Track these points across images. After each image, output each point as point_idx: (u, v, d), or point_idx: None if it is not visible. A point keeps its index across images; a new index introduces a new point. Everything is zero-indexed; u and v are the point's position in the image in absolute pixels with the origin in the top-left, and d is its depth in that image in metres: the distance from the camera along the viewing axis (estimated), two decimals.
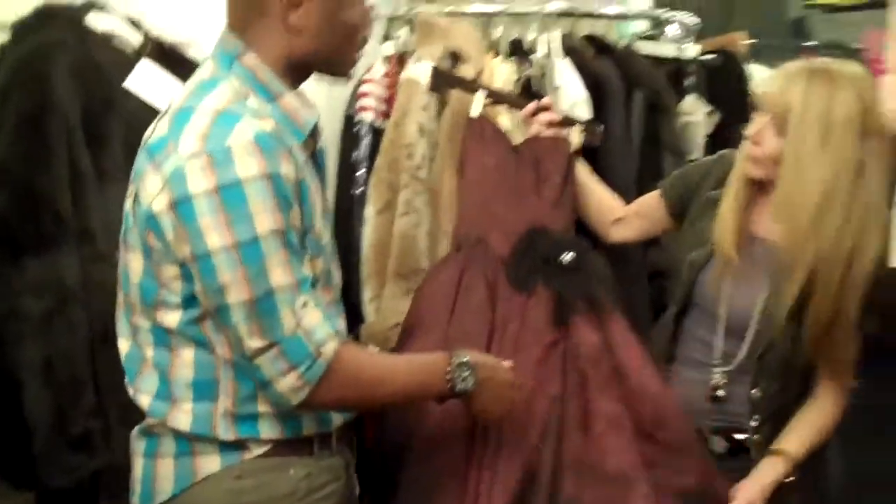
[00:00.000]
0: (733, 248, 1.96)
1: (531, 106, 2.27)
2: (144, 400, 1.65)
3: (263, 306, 1.50)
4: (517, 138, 2.32)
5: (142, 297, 1.61)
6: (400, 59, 2.65)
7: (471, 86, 2.35)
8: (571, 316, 1.99)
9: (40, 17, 2.04)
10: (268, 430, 1.62)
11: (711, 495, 1.93)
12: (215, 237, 1.48)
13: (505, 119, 2.42)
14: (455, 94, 2.50)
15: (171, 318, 1.58)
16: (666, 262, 2.44)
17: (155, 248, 1.56)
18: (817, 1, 3.38)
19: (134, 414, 1.84)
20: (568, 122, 2.28)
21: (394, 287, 2.40)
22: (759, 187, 1.99)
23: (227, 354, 1.58)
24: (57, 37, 2.00)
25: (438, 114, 2.51)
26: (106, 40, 2.09)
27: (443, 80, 2.37)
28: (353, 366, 1.60)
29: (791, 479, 1.96)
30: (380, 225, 2.50)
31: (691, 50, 2.85)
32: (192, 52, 2.28)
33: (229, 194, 1.47)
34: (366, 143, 2.63)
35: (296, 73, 1.64)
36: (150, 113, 2.08)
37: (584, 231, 2.30)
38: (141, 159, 1.59)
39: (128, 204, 1.62)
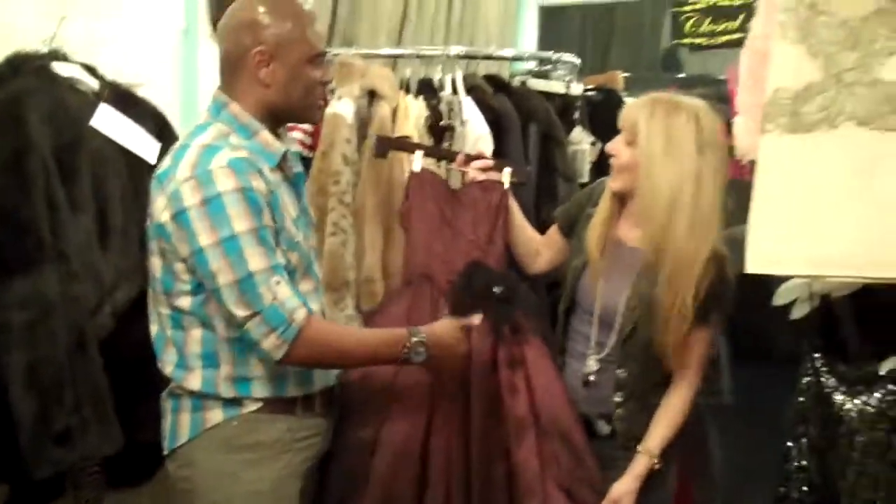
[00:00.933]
0: (598, 251, 2.31)
1: (462, 156, 2.56)
2: (168, 369, 2.08)
3: (245, 286, 1.92)
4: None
5: (163, 289, 2.03)
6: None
7: (410, 146, 2.62)
8: (500, 343, 2.31)
9: (12, 66, 2.23)
10: (259, 390, 2.05)
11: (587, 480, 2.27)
12: (204, 237, 1.91)
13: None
14: (372, 129, 2.81)
15: (185, 302, 2.00)
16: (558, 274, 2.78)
17: (166, 250, 1.99)
18: (683, 41, 3.79)
19: (104, 407, 2.16)
20: (498, 166, 2.54)
21: (326, 298, 2.67)
22: (621, 201, 2.34)
23: (224, 333, 2.01)
24: (29, 84, 2.20)
25: (359, 146, 2.83)
26: (70, 85, 2.32)
27: (386, 144, 2.64)
28: (322, 330, 2.04)
29: (658, 465, 2.29)
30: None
31: (577, 87, 3.23)
32: (140, 92, 2.55)
33: (212, 205, 1.91)
34: None
35: (271, 118, 2.06)
36: (112, 148, 2.37)
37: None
38: (152, 186, 2.01)
39: (147, 223, 2.04)
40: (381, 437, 2.25)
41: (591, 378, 2.35)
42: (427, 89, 2.99)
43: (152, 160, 2.38)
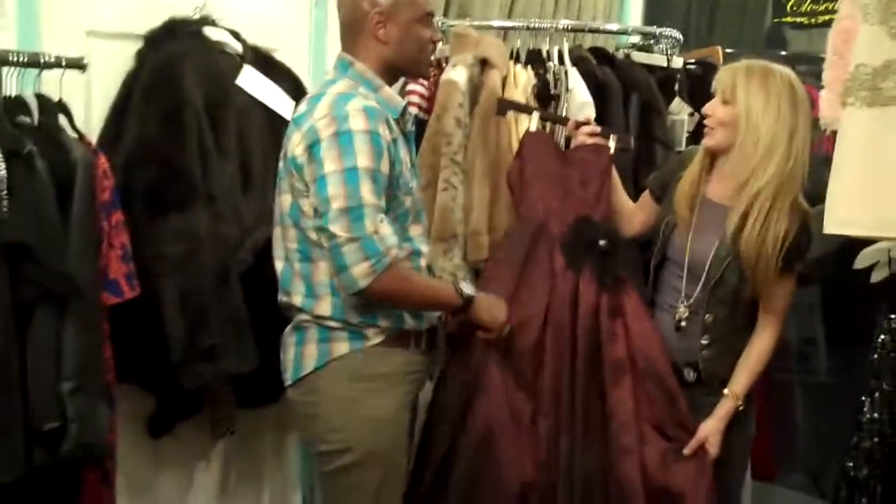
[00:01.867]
0: (687, 208, 2.51)
1: (573, 121, 2.79)
2: (297, 299, 2.30)
3: (354, 213, 2.13)
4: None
5: (292, 222, 2.27)
6: (438, 65, 3.10)
7: (527, 108, 2.85)
8: (603, 293, 2.56)
9: (168, 30, 2.54)
10: (382, 319, 2.28)
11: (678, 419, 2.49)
12: (329, 164, 2.14)
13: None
14: (483, 96, 3.04)
15: (313, 235, 2.22)
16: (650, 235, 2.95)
17: (295, 186, 2.23)
18: (785, 19, 3.89)
19: (243, 332, 2.45)
20: (605, 132, 2.76)
21: (436, 248, 2.87)
22: (711, 161, 2.53)
23: None
24: (184, 46, 2.51)
25: (471, 110, 3.06)
26: (219, 48, 2.62)
27: (506, 105, 2.87)
28: (405, 270, 2.26)
29: (742, 407, 2.48)
30: (423, 199, 3.05)
31: (678, 60, 3.40)
32: (277, 56, 2.84)
33: (342, 139, 2.14)
34: None
35: (389, 73, 2.34)
36: (254, 105, 2.67)
37: None
38: (289, 128, 2.28)
39: (280, 164, 2.30)
40: (490, 376, 2.51)
41: (683, 324, 2.53)
42: (535, 59, 3.15)
43: (288, 116, 2.65)
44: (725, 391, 2.49)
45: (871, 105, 2.12)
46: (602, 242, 2.62)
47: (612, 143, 2.74)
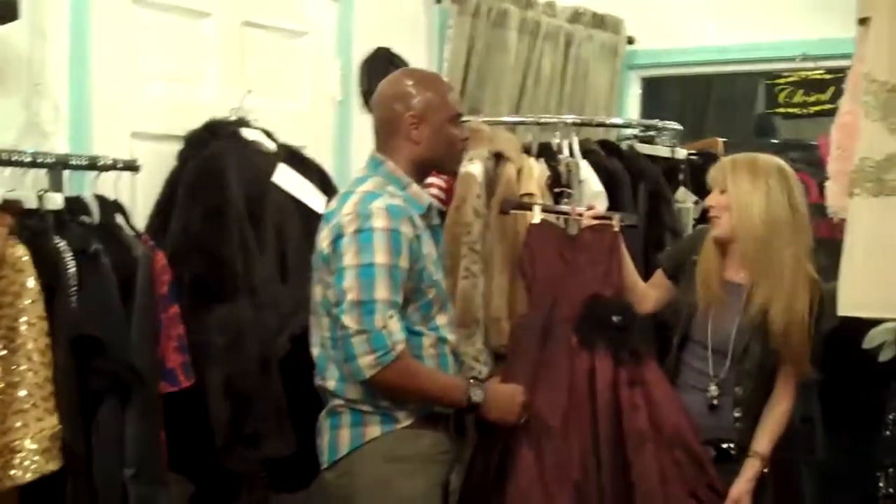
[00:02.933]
0: (712, 292, 2.64)
1: (578, 209, 2.92)
2: (331, 384, 2.40)
3: (365, 307, 2.25)
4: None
5: (324, 311, 2.38)
6: None
7: (527, 206, 2.97)
8: (621, 367, 2.65)
9: (208, 131, 2.69)
10: (411, 402, 2.38)
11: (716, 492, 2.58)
12: (348, 258, 2.28)
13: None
14: (500, 187, 3.19)
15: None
16: (667, 316, 3.04)
17: (325, 280, 2.35)
18: (778, 110, 4.12)
19: (283, 418, 2.54)
20: (608, 215, 2.90)
21: (459, 334, 2.93)
22: (723, 249, 2.67)
23: None
24: (225, 146, 2.66)
25: (488, 201, 3.21)
26: (255, 147, 2.78)
27: (509, 204, 3.00)
28: (410, 365, 2.34)
29: (765, 470, 2.60)
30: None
31: (681, 151, 3.59)
32: (306, 153, 2.99)
33: (363, 236, 2.28)
34: None
35: (419, 171, 2.47)
36: (289, 200, 2.81)
37: None
38: (321, 224, 2.42)
39: (313, 257, 2.43)
40: (518, 459, 2.57)
41: (715, 402, 2.66)
42: (547, 152, 3.33)
43: (320, 210, 2.79)
44: (750, 453, 2.60)
45: (877, 195, 2.29)
46: (615, 318, 2.72)
47: (615, 222, 2.86)
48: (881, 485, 2.75)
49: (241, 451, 2.52)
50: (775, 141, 4.54)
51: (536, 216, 2.91)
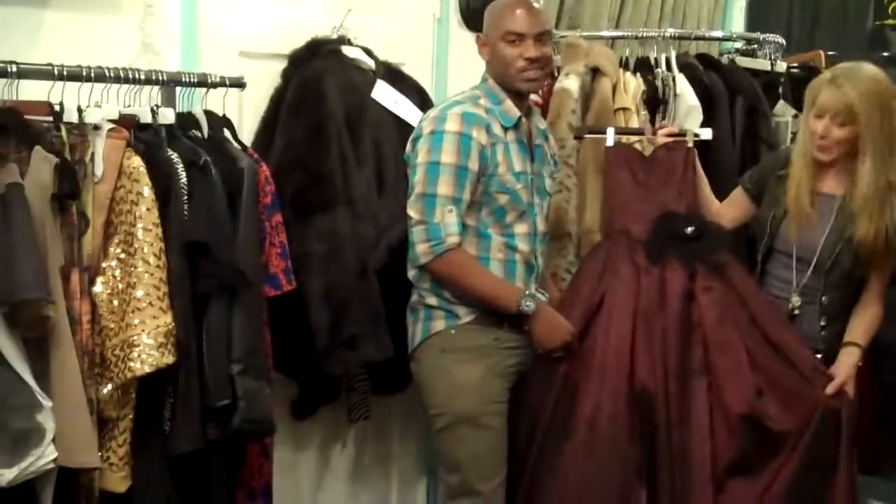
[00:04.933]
0: (808, 205, 2.67)
1: (649, 127, 3.01)
2: (411, 273, 2.69)
3: (427, 201, 2.55)
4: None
5: None
6: (551, 75, 3.27)
7: (600, 129, 3.02)
8: (696, 275, 2.71)
9: (310, 50, 2.78)
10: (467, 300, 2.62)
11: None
12: (421, 156, 2.58)
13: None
14: (595, 102, 3.22)
15: None
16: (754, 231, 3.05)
17: (409, 176, 2.62)
18: (886, 21, 3.99)
19: (380, 323, 2.68)
20: (681, 132, 2.94)
21: (551, 246, 3.06)
22: (820, 163, 2.68)
23: None
24: (326, 64, 2.75)
25: (583, 116, 3.25)
26: (355, 65, 2.87)
27: (582, 131, 3.08)
28: (463, 259, 2.58)
29: (860, 363, 2.64)
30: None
31: (781, 64, 3.54)
32: (405, 70, 3.07)
33: (434, 137, 2.57)
34: None
35: (506, 90, 2.65)
36: (388, 115, 2.90)
37: None
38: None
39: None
40: (590, 356, 2.69)
41: (796, 312, 2.71)
42: (644, 67, 3.36)
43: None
44: (845, 342, 2.66)
45: None
46: (688, 229, 2.78)
47: (689, 138, 2.91)
48: None
49: (340, 354, 2.66)
50: (887, 54, 4.40)
51: (609, 139, 2.96)
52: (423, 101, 3.02)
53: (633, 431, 2.62)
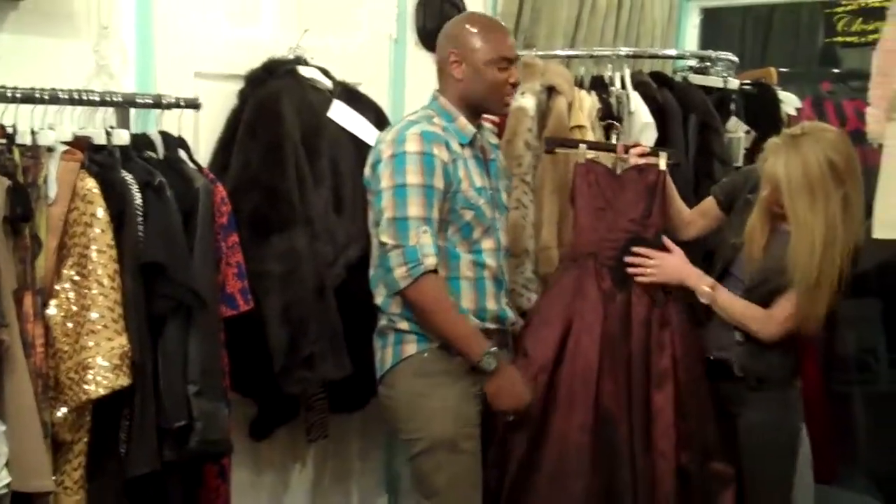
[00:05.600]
0: (760, 253, 2.67)
1: (621, 145, 2.97)
2: (379, 300, 2.63)
3: (400, 224, 2.48)
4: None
5: (375, 233, 2.58)
6: None
7: (573, 142, 3.02)
8: (654, 305, 2.77)
9: (267, 70, 2.79)
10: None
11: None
12: (385, 181, 2.51)
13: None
14: (551, 120, 3.25)
15: None
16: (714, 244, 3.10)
17: (370, 200, 2.59)
18: (836, 39, 4.07)
19: (339, 341, 2.69)
20: (654, 152, 2.93)
21: (509, 263, 3.03)
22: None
23: None
24: (282, 84, 2.76)
25: (539, 134, 3.28)
26: (312, 84, 2.87)
27: (554, 143, 3.05)
28: (438, 284, 2.51)
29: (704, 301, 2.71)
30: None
31: (733, 81, 3.59)
32: (362, 89, 3.09)
33: (397, 159, 2.50)
34: None
35: (467, 108, 2.63)
36: (344, 135, 2.92)
37: None
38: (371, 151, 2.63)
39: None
40: (557, 381, 2.73)
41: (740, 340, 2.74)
42: (598, 85, 3.39)
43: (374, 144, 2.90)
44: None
45: None
46: None
47: (662, 161, 2.90)
48: None
49: (298, 374, 2.67)
50: (837, 70, 4.49)
51: (582, 153, 2.95)
52: (379, 120, 3.03)
53: (597, 462, 2.68)
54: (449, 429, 2.58)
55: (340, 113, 2.89)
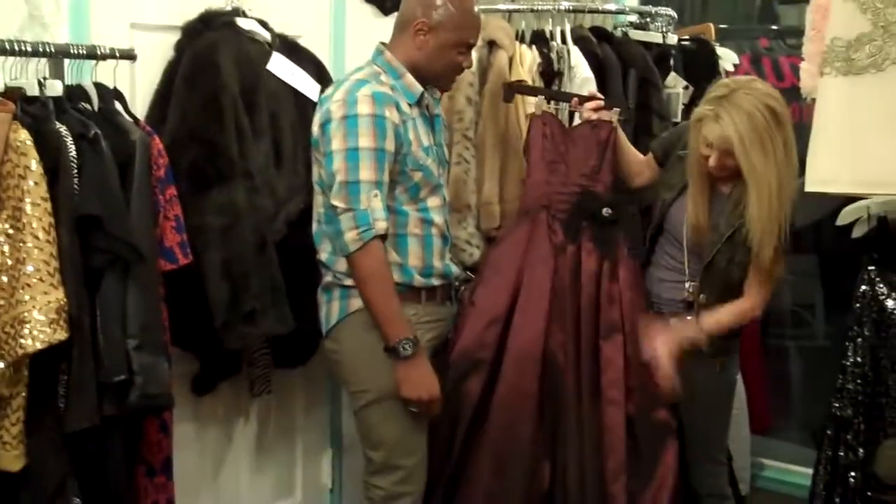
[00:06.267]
0: (705, 214, 2.68)
1: (576, 98, 2.99)
2: (323, 256, 2.66)
3: (351, 188, 2.47)
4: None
5: (320, 189, 2.62)
6: None
7: (532, 90, 3.05)
8: (605, 258, 2.81)
9: (204, 22, 2.73)
10: (394, 275, 2.57)
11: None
12: (336, 143, 2.49)
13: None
14: (492, 75, 3.25)
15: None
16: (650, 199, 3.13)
17: (317, 159, 2.59)
18: None
19: (280, 296, 2.69)
20: (608, 105, 2.96)
21: (451, 218, 3.03)
22: None
23: None
24: (220, 36, 2.70)
25: (480, 89, 3.27)
26: (250, 36, 2.82)
27: (513, 89, 3.06)
28: (381, 256, 2.50)
29: (703, 346, 2.68)
30: None
31: (672, 37, 3.63)
32: (302, 42, 3.06)
33: (349, 122, 2.48)
34: None
35: (415, 73, 2.61)
36: (284, 88, 2.88)
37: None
38: (317, 108, 2.59)
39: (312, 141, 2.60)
40: (508, 333, 2.78)
41: (689, 299, 2.77)
42: (539, 40, 3.40)
43: (315, 98, 2.87)
44: (697, 321, 2.70)
45: (846, 74, 2.38)
46: (605, 211, 2.85)
47: (614, 116, 2.95)
48: (849, 354, 2.87)
49: (239, 329, 2.65)
50: (775, 27, 4.54)
51: (538, 104, 3.00)
52: (320, 74, 3.00)
53: (544, 408, 2.73)
54: (394, 381, 2.59)
55: (280, 66, 2.86)
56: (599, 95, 3.04)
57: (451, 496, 2.82)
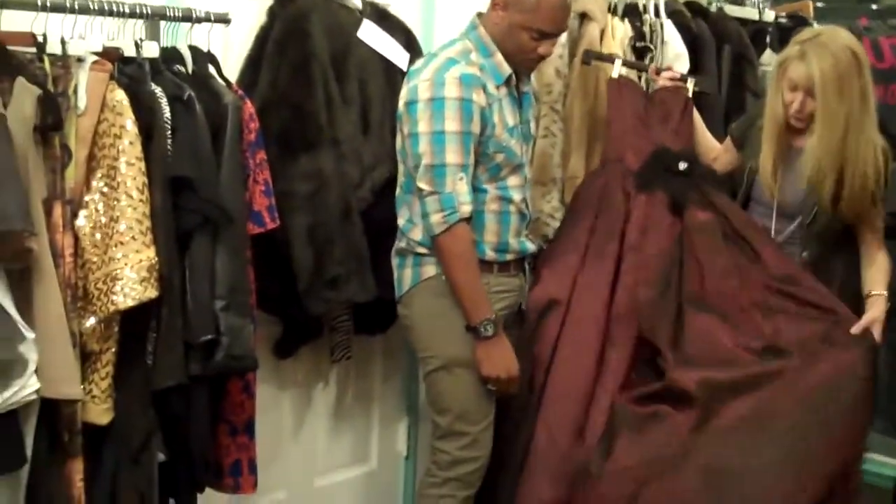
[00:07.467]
0: (773, 179, 2.71)
1: (654, 66, 3.02)
2: (401, 222, 2.72)
3: (437, 171, 2.52)
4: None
5: (401, 159, 2.67)
6: None
7: (609, 58, 3.05)
8: (685, 206, 2.77)
9: None
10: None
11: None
12: (422, 125, 2.52)
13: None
14: (582, 48, 3.20)
15: (412, 166, 2.60)
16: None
17: (402, 131, 2.60)
18: None
19: (364, 264, 2.70)
20: (684, 77, 2.99)
21: (535, 191, 3.10)
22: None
23: None
24: (311, 3, 2.71)
25: (570, 61, 3.24)
26: (341, 3, 2.83)
27: (590, 55, 3.06)
28: (467, 238, 2.55)
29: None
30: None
31: (769, 13, 3.54)
32: (392, 10, 3.05)
33: (436, 104, 2.51)
34: None
35: (500, 50, 2.60)
36: (374, 56, 2.88)
37: None
38: (405, 80, 2.61)
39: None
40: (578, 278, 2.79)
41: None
42: (632, 12, 3.32)
43: (403, 66, 2.87)
44: (874, 292, 2.66)
45: None
46: (681, 165, 2.85)
47: (690, 86, 2.96)
48: None
49: (322, 294, 2.68)
50: (875, 7, 4.39)
51: (615, 70, 3.01)
52: (409, 41, 3.00)
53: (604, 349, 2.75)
54: (464, 349, 2.63)
55: (370, 33, 2.86)
56: (674, 69, 3.06)
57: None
